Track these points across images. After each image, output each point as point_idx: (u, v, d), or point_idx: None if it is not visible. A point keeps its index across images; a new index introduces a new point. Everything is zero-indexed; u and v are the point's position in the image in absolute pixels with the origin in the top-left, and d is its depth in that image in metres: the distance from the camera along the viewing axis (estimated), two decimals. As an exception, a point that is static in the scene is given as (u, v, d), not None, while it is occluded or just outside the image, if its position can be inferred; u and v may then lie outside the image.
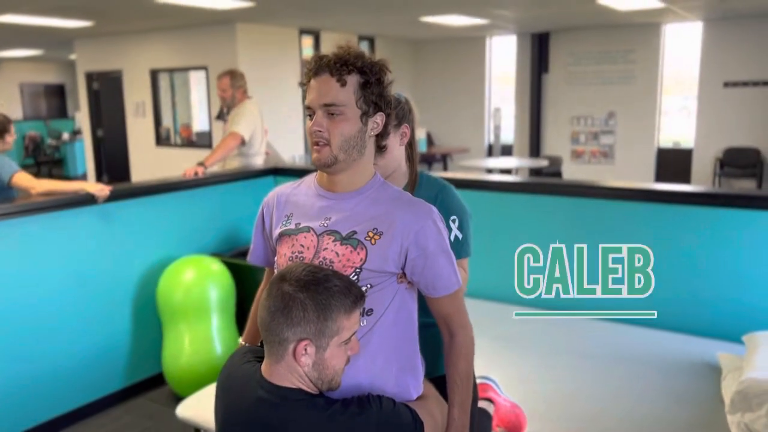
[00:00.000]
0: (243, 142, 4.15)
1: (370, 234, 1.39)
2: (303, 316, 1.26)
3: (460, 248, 1.72)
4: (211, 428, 2.28)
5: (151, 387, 3.58)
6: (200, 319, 3.40)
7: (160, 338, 3.54)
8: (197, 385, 3.09)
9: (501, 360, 2.58)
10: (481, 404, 2.10)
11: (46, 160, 13.17)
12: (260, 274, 3.62)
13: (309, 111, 1.41)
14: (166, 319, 3.46)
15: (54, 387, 3.15)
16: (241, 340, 1.71)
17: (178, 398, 3.21)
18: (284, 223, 1.49)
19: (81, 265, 3.23)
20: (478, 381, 2.05)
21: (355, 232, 1.39)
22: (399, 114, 1.68)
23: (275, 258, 1.52)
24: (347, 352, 1.32)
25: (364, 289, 1.37)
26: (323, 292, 1.27)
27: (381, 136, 1.46)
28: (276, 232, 1.50)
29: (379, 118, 1.43)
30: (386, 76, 1.42)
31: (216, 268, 3.51)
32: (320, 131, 1.38)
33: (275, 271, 1.51)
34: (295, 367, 1.28)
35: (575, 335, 2.93)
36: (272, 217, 1.54)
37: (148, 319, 3.54)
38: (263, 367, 1.33)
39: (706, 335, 2.85)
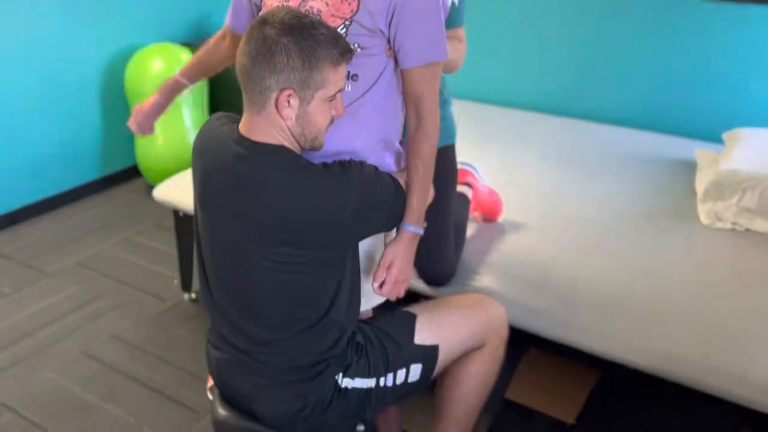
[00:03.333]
0: None
1: None
2: (287, 62, 1.16)
3: (455, 15, 1.60)
4: (189, 209, 2.28)
5: (127, 179, 3.56)
6: (172, 111, 3.27)
7: (131, 130, 3.44)
8: (172, 175, 3.07)
9: (482, 152, 2.56)
10: (460, 189, 2.11)
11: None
12: (233, 67, 3.44)
13: None
14: (136, 110, 3.34)
15: (25, 177, 3.11)
16: (177, 73, 1.67)
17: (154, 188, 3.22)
18: None
19: (40, 50, 3.02)
20: (459, 166, 2.04)
21: None
22: None
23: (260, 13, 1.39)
24: (332, 110, 1.25)
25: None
26: (309, 38, 1.16)
27: None
28: None
29: None
30: None
31: (185, 57, 3.32)
32: None
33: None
34: (277, 120, 1.21)
35: (555, 133, 2.91)
36: None
37: (117, 109, 3.41)
38: (241, 124, 1.26)
39: (686, 136, 2.85)
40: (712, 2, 2.74)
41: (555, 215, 2.22)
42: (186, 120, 3.31)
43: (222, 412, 1.44)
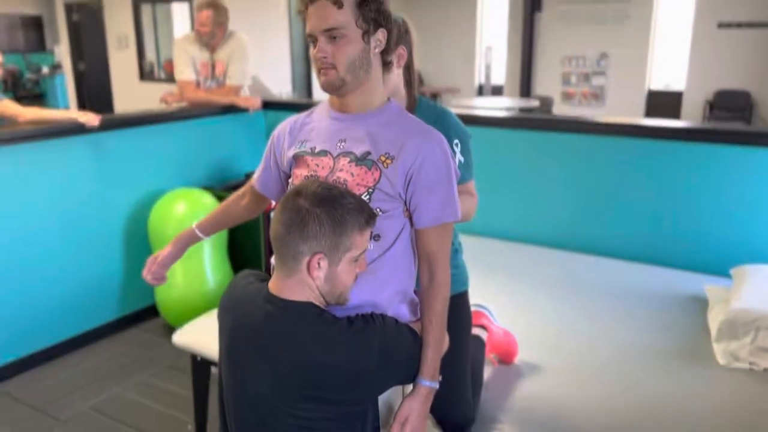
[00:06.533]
0: None
1: (383, 158, 1.40)
2: (319, 230, 1.28)
3: (464, 171, 1.72)
4: (208, 355, 2.31)
5: (145, 318, 3.61)
6: (192, 252, 3.36)
7: (152, 270, 3.53)
8: (191, 316, 3.10)
9: (494, 290, 2.62)
10: (475, 331, 2.14)
11: (26, 94, 12.75)
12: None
13: (311, 38, 1.40)
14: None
15: (45, 318, 3.17)
16: (194, 226, 1.77)
17: (172, 329, 3.24)
18: (299, 147, 1.50)
19: (70, 196, 3.19)
20: (472, 309, 2.08)
21: (369, 153, 1.40)
22: (395, 35, 1.64)
23: (289, 181, 1.52)
24: (356, 269, 1.34)
25: None
26: (339, 208, 1.29)
27: (386, 52, 1.45)
28: (290, 153, 1.51)
29: (380, 35, 1.42)
30: None
31: (207, 201, 3.49)
32: (325, 57, 1.38)
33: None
34: (308, 281, 1.30)
35: (566, 270, 2.97)
36: (284, 144, 1.55)
37: (140, 251, 3.53)
38: (271, 283, 1.35)
39: (694, 270, 2.91)
40: (717, 145, 2.90)
41: (570, 355, 2.23)
42: (206, 260, 3.41)
43: None
